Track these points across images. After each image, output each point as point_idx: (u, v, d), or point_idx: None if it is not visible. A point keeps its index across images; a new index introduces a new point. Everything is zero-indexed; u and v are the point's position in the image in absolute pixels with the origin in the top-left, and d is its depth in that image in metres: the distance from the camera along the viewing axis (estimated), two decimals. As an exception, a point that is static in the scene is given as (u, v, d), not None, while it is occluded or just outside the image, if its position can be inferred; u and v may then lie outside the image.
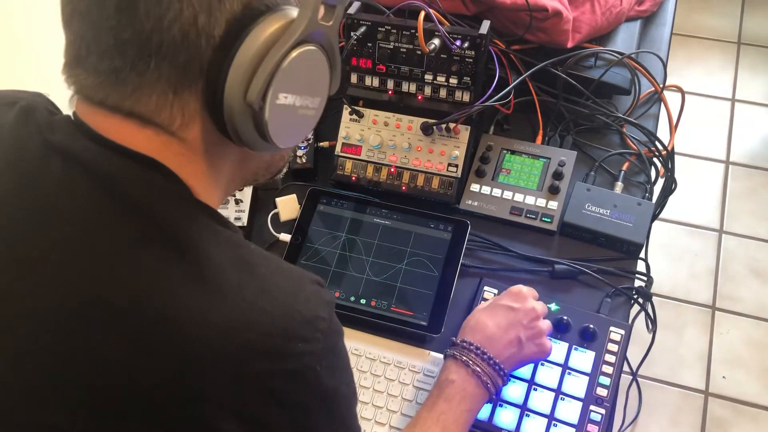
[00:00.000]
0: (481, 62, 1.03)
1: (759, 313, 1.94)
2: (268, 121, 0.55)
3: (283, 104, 0.56)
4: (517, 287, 0.90)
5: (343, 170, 1.12)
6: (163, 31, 0.50)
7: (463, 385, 0.80)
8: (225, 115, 0.54)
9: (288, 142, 0.59)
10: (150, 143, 0.54)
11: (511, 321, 0.85)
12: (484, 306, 0.89)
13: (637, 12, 1.25)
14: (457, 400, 0.79)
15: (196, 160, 0.56)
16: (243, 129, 0.55)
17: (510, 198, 1.08)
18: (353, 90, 1.11)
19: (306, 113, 0.59)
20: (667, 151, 1.13)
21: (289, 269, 0.57)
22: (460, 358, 0.82)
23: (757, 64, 2.51)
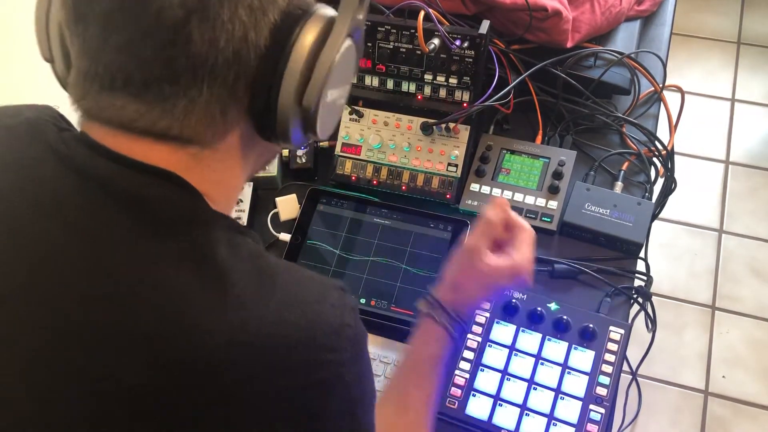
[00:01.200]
0: (480, 62, 1.03)
1: (759, 313, 1.94)
2: (319, 119, 0.56)
3: (330, 100, 0.57)
4: (524, 273, 0.79)
5: (343, 170, 1.12)
6: (218, 52, 0.49)
7: (441, 345, 0.79)
8: (278, 121, 0.54)
9: (328, 132, 0.60)
10: (179, 160, 0.53)
11: (494, 288, 0.81)
12: (486, 270, 0.78)
13: (636, 12, 1.25)
14: (436, 361, 0.78)
15: (221, 167, 0.56)
16: (293, 130, 0.55)
17: (510, 198, 1.08)
18: (353, 90, 1.11)
19: (341, 102, 0.61)
20: (666, 151, 1.13)
21: (311, 277, 0.56)
22: (439, 321, 0.79)
23: (757, 64, 2.51)
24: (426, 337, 0.80)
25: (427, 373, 0.79)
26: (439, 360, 0.79)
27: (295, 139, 0.57)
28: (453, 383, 0.92)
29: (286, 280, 0.54)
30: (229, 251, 0.52)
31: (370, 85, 1.10)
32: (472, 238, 0.81)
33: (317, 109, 0.55)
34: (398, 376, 0.81)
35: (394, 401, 0.77)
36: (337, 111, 0.61)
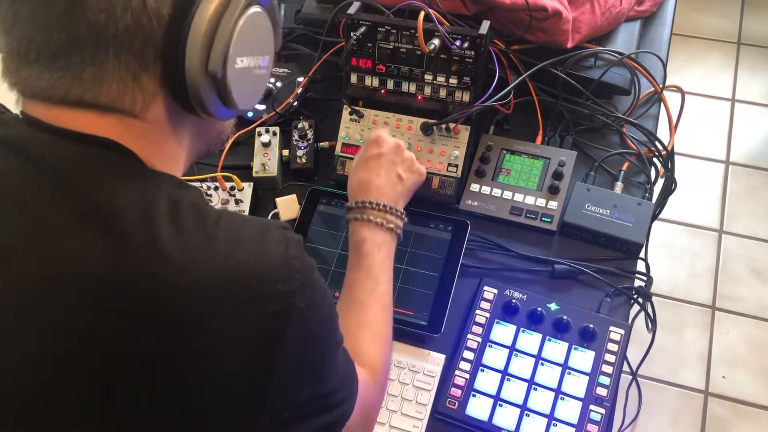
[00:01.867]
0: (480, 62, 1.03)
1: (759, 313, 1.94)
2: (231, 87, 0.58)
3: (240, 68, 0.58)
4: (374, 134, 0.95)
5: (343, 170, 1.12)
6: (117, 21, 0.51)
7: (373, 239, 0.86)
8: (189, 89, 0.56)
9: (249, 103, 0.63)
10: (111, 128, 0.55)
11: (385, 165, 0.92)
12: (355, 164, 0.95)
13: (636, 12, 1.25)
14: (374, 253, 0.85)
15: (157, 139, 0.58)
16: (207, 99, 0.57)
17: (510, 198, 1.08)
18: (353, 90, 1.12)
19: (260, 73, 0.63)
20: (666, 151, 1.13)
21: (252, 219, 0.59)
22: (362, 218, 0.88)
23: (757, 64, 2.51)
24: (374, 242, 0.86)
25: (385, 276, 0.85)
26: (390, 259, 0.87)
27: (216, 110, 0.59)
28: (453, 383, 0.92)
29: (227, 223, 0.56)
30: (171, 205, 0.54)
31: (370, 85, 1.10)
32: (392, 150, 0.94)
33: (225, 76, 0.57)
34: (353, 282, 0.84)
35: (353, 312, 0.81)
36: (258, 81, 0.63)
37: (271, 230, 0.58)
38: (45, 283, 0.51)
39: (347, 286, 0.85)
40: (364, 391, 0.72)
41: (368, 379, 0.75)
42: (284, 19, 1.36)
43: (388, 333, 0.83)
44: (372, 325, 0.81)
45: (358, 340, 0.77)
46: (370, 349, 0.78)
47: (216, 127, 0.69)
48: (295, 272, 0.56)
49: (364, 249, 0.85)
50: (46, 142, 0.54)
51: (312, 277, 0.59)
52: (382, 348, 0.80)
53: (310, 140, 1.15)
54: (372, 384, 0.76)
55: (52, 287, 0.51)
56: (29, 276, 0.51)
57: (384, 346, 0.81)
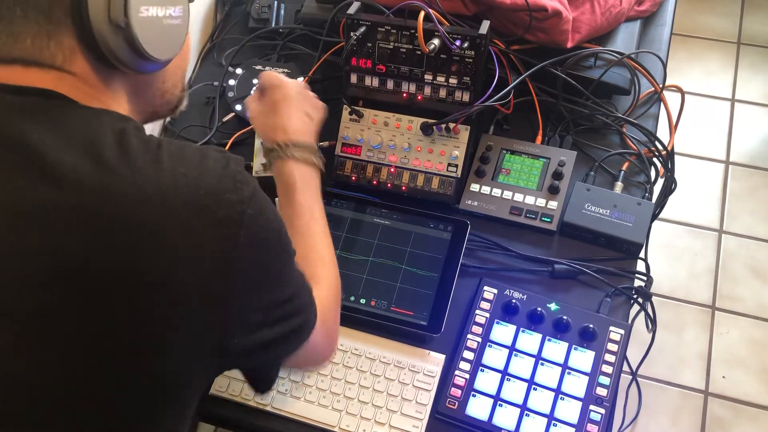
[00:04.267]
0: (480, 62, 1.03)
1: (759, 313, 1.93)
2: (138, 35, 0.60)
3: (147, 16, 0.61)
4: (272, 78, 0.96)
5: (343, 170, 1.12)
6: None
7: (301, 174, 0.89)
8: (98, 41, 0.59)
9: (165, 53, 0.65)
10: (43, 80, 0.58)
11: (294, 106, 0.94)
12: (259, 110, 0.96)
13: (636, 12, 1.25)
14: (305, 187, 0.89)
15: (91, 91, 0.61)
16: (118, 50, 0.60)
17: (510, 198, 1.08)
18: (353, 90, 1.11)
19: (172, 22, 0.65)
20: (666, 151, 1.13)
21: (191, 144, 0.63)
22: (287, 156, 0.90)
23: (757, 64, 2.51)
24: (302, 177, 0.89)
25: (317, 205, 0.89)
26: (318, 192, 0.90)
27: (133, 62, 0.62)
28: (453, 383, 0.92)
29: (168, 146, 0.60)
30: (116, 134, 0.58)
31: (370, 85, 1.10)
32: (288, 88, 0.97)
33: (130, 25, 0.59)
34: (290, 215, 0.87)
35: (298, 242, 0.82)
36: (172, 31, 0.65)
37: (210, 151, 0.62)
38: (5, 217, 0.54)
39: (286, 219, 0.85)
40: (324, 303, 0.76)
41: (324, 293, 0.78)
42: (284, 19, 1.36)
43: (331, 253, 0.87)
44: (317, 249, 0.85)
45: (308, 265, 0.79)
46: (320, 270, 0.82)
47: (154, 84, 0.71)
48: (239, 183, 0.60)
49: (294, 184, 0.88)
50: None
51: (256, 188, 0.62)
52: (331, 267, 0.85)
53: (310, 140, 1.15)
54: (330, 298, 0.80)
55: (15, 218, 0.54)
56: None
57: (332, 265, 0.85)
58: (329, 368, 0.95)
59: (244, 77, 1.25)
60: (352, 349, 0.97)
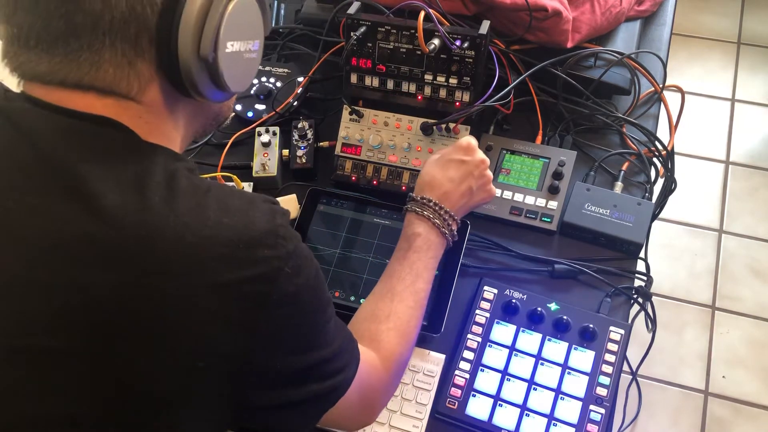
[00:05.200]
0: (481, 62, 1.03)
1: (759, 313, 1.94)
2: (223, 70, 0.61)
3: (231, 52, 0.62)
4: (466, 140, 0.93)
5: (343, 170, 1.12)
6: (113, 8, 0.54)
7: (427, 236, 0.87)
8: (182, 72, 0.59)
9: (240, 86, 0.66)
10: (108, 109, 0.58)
11: (463, 174, 0.91)
12: (435, 159, 0.93)
13: (636, 12, 1.25)
14: (424, 250, 0.87)
15: (153, 120, 0.61)
16: (200, 82, 0.61)
17: (510, 198, 1.08)
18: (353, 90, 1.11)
19: (250, 56, 0.66)
20: (666, 151, 1.13)
21: (240, 191, 0.63)
22: (421, 214, 0.88)
23: (757, 64, 2.51)
24: (426, 239, 0.87)
25: (426, 275, 0.86)
26: (435, 261, 0.88)
27: (209, 93, 0.63)
28: (453, 383, 0.92)
29: (218, 192, 0.59)
30: (166, 174, 0.58)
31: (370, 85, 1.10)
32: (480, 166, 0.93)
33: (216, 60, 0.60)
34: (394, 271, 0.85)
35: (386, 300, 0.82)
36: (249, 64, 0.66)
37: (258, 202, 0.61)
38: (44, 245, 0.54)
39: (388, 274, 0.86)
40: (370, 373, 0.73)
41: (377, 364, 0.76)
42: (284, 19, 1.36)
43: (414, 329, 0.83)
44: (400, 317, 0.81)
45: (380, 328, 0.79)
46: (390, 339, 0.79)
47: (212, 109, 0.71)
48: (281, 239, 0.59)
49: (415, 243, 0.86)
50: (42, 116, 0.57)
51: (298, 246, 0.61)
52: (403, 341, 0.81)
53: (310, 140, 1.15)
54: (381, 370, 0.77)
55: (52, 248, 0.54)
56: (28, 239, 0.54)
57: (406, 340, 0.81)
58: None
59: (244, 77, 1.25)
60: (352, 349, 0.97)
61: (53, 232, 0.54)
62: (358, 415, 0.76)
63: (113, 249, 0.53)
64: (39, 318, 0.53)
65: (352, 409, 0.72)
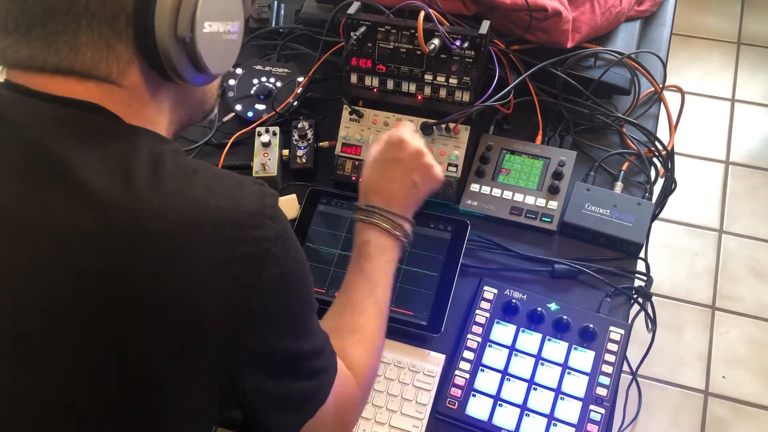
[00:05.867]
0: (480, 62, 1.03)
1: (759, 313, 1.94)
2: (201, 50, 0.61)
3: (209, 32, 0.62)
4: (395, 136, 0.91)
5: (343, 170, 1.12)
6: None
7: (377, 242, 0.86)
8: (160, 54, 0.59)
9: (221, 68, 0.65)
10: (90, 93, 0.58)
11: (402, 171, 0.89)
12: (371, 162, 0.91)
13: (636, 12, 1.25)
14: (377, 256, 0.85)
15: (136, 104, 0.61)
16: (179, 64, 0.60)
17: (510, 198, 1.08)
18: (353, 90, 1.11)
19: (230, 38, 0.66)
20: (666, 151, 1.13)
21: (229, 173, 0.62)
22: (368, 221, 0.87)
23: (757, 64, 2.51)
24: (377, 246, 0.85)
25: (384, 281, 0.84)
26: (391, 266, 0.86)
27: (189, 75, 0.62)
28: (453, 383, 0.92)
29: (205, 173, 0.59)
30: (151, 158, 0.58)
31: (370, 85, 1.10)
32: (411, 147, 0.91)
33: (194, 40, 0.60)
34: (351, 283, 0.84)
35: (347, 314, 0.81)
36: (229, 46, 0.66)
37: (247, 183, 0.61)
38: (33, 233, 0.54)
39: (345, 287, 0.84)
40: (345, 387, 0.72)
41: (351, 379, 0.75)
42: (284, 19, 1.36)
43: (379, 340, 0.82)
44: (364, 329, 0.80)
45: (346, 343, 0.77)
46: (357, 353, 0.78)
47: (196, 95, 0.71)
48: (269, 221, 0.59)
49: (366, 251, 0.85)
50: (25, 104, 0.58)
51: (286, 229, 0.62)
52: (370, 354, 0.79)
53: (310, 140, 1.15)
54: (353, 385, 0.75)
55: (41, 236, 0.54)
56: (17, 227, 0.54)
57: (372, 352, 0.80)
58: (329, 368, 0.95)
59: (244, 77, 1.25)
60: (352, 349, 0.97)
61: (41, 219, 0.54)
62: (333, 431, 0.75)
63: (101, 234, 0.53)
64: (30, 305, 0.54)
65: (327, 422, 0.71)
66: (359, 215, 0.88)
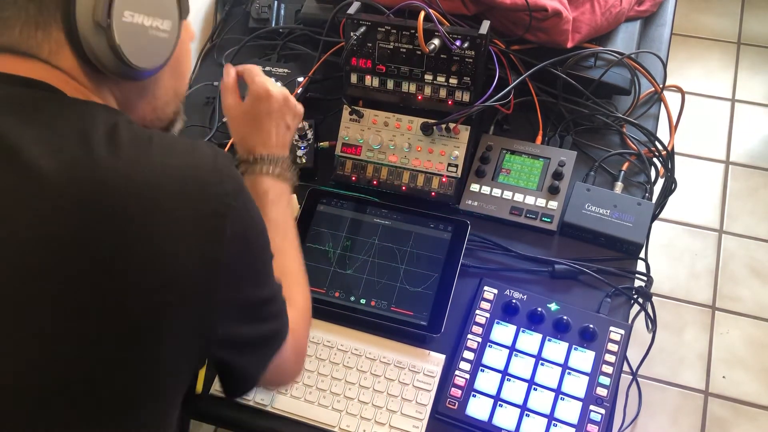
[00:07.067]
0: (481, 62, 1.03)
1: (759, 313, 1.93)
2: (119, 39, 0.60)
3: (131, 22, 0.61)
4: (261, 90, 0.91)
5: (343, 170, 1.12)
6: None
7: (275, 190, 0.88)
8: (81, 38, 0.59)
9: (146, 62, 0.65)
10: (32, 71, 0.59)
11: (275, 119, 0.91)
12: (241, 117, 0.92)
13: (636, 12, 1.25)
14: (278, 203, 0.87)
15: (83, 91, 0.62)
16: (99, 50, 0.60)
17: (510, 198, 1.08)
18: (353, 90, 1.11)
19: (158, 35, 0.65)
20: (666, 151, 1.13)
21: (182, 137, 0.64)
22: (261, 172, 0.88)
23: (757, 64, 2.51)
24: (276, 193, 0.87)
25: (290, 222, 0.88)
26: (289, 208, 0.89)
27: (113, 66, 0.62)
28: (453, 383, 0.92)
29: (159, 139, 0.60)
30: (107, 127, 0.58)
31: (370, 85, 1.10)
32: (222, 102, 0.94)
33: (111, 26, 0.60)
34: None
35: None
36: (155, 42, 0.65)
37: (201, 145, 0.63)
38: None
39: None
40: (296, 321, 0.77)
41: (294, 313, 0.78)
42: (284, 19, 1.36)
43: (304, 272, 0.87)
44: (291, 270, 0.84)
45: (284, 287, 0.79)
46: (295, 293, 0.82)
47: (144, 98, 0.71)
48: (227, 177, 0.61)
49: (268, 200, 0.87)
50: None
51: (243, 186, 0.63)
52: (303, 286, 0.85)
53: (310, 140, 1.15)
54: (301, 318, 0.81)
55: (6, 202, 0.54)
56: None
57: (304, 284, 0.86)
58: (329, 368, 0.95)
59: (244, 77, 1.25)
60: (352, 349, 0.97)
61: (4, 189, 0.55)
62: (293, 365, 0.79)
63: (64, 204, 0.54)
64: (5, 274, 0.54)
65: (289, 358, 0.76)
66: (251, 168, 0.89)
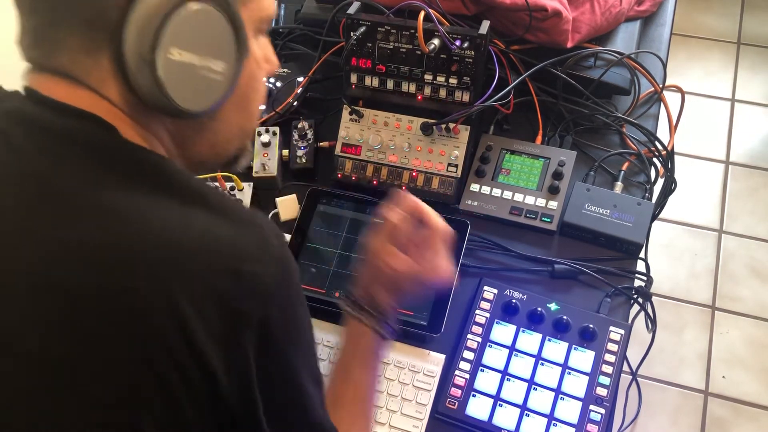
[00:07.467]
0: (480, 62, 1.03)
1: (759, 313, 1.94)
2: (164, 77, 0.56)
3: (177, 60, 0.57)
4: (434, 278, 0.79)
5: (343, 170, 1.12)
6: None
7: (379, 347, 0.80)
8: (128, 70, 0.56)
9: (192, 103, 0.60)
10: (83, 100, 0.57)
11: (413, 291, 0.80)
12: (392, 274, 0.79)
13: (636, 12, 1.25)
14: (381, 358, 0.80)
15: (133, 125, 0.59)
16: (143, 85, 0.57)
17: (510, 198, 1.08)
18: (353, 90, 1.11)
19: (209, 75, 0.60)
20: (666, 151, 1.13)
21: (241, 204, 0.61)
22: (377, 330, 0.79)
23: (757, 64, 2.51)
24: (355, 335, 0.79)
25: (357, 370, 0.78)
26: (370, 355, 0.79)
27: (158, 103, 0.58)
28: (453, 383, 0.92)
29: (215, 200, 0.58)
30: (162, 175, 0.57)
31: (370, 85, 1.10)
32: (376, 239, 0.81)
33: (155, 63, 0.55)
34: (331, 373, 0.80)
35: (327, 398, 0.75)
36: (204, 83, 0.60)
37: (257, 216, 0.60)
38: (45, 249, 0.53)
39: (333, 375, 0.80)
40: None
41: None
42: (284, 19, 1.36)
43: None
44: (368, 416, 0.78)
45: None
46: None
47: (202, 134, 0.66)
48: (269, 256, 0.57)
49: (378, 352, 0.80)
50: (27, 126, 0.57)
51: (290, 272, 0.60)
52: None
53: (310, 140, 1.15)
54: None
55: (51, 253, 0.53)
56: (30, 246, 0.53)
57: None
58: (329, 368, 0.95)
59: (244, 77, 1.25)
60: (352, 349, 0.97)
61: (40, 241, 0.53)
62: None
63: (96, 255, 0.52)
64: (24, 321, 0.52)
65: None
66: (354, 312, 0.80)
